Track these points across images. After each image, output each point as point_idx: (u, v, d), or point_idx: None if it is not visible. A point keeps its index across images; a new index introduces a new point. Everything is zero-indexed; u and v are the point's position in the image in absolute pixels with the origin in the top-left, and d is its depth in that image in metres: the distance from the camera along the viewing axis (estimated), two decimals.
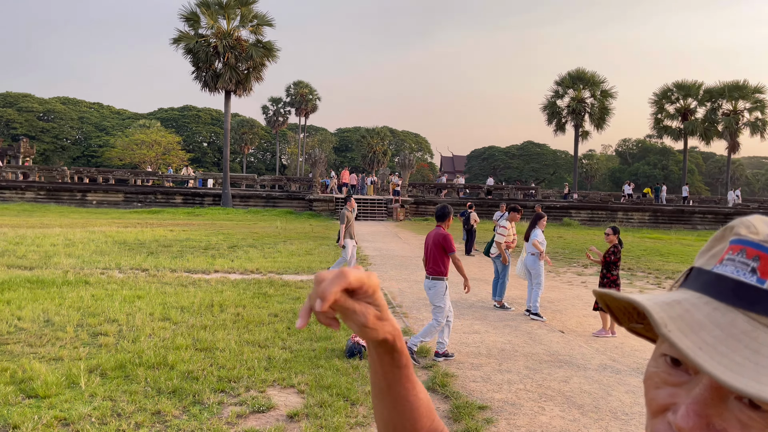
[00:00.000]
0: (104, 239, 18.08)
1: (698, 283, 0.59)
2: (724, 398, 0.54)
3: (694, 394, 0.54)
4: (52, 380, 5.28)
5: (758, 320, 0.53)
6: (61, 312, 8.16)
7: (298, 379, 5.75)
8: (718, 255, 0.60)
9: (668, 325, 0.52)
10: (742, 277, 0.55)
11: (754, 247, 0.56)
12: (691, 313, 0.54)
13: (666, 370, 0.58)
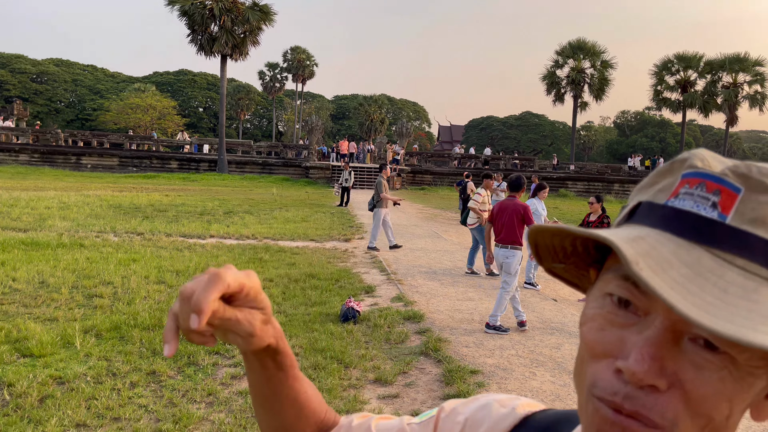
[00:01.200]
0: (99, 203, 18.02)
1: (653, 219, 0.55)
2: (678, 340, 0.51)
3: (647, 337, 0.51)
4: (47, 340, 5.30)
5: (722, 257, 0.51)
6: (56, 274, 8.16)
7: (292, 342, 5.80)
8: (669, 189, 0.56)
9: (640, 263, 0.48)
10: (703, 212, 0.52)
11: (714, 180, 0.53)
12: (657, 250, 0.50)
13: (612, 311, 0.54)
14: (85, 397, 4.30)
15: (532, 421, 0.73)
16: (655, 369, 0.50)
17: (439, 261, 11.53)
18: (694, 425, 0.51)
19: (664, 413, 0.50)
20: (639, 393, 0.51)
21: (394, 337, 6.16)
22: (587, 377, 0.55)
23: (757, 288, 0.49)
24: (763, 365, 0.52)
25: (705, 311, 0.46)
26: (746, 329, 0.45)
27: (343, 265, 10.34)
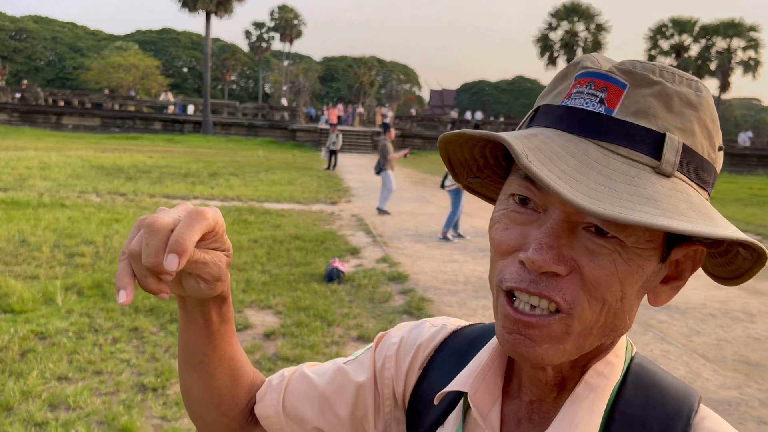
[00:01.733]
0: (81, 163, 17.76)
1: (549, 119, 0.58)
2: (573, 229, 0.55)
3: (545, 228, 0.55)
4: (28, 297, 5.27)
5: (608, 148, 0.54)
6: (37, 233, 8.07)
7: (276, 300, 5.81)
8: (565, 92, 0.59)
9: (528, 156, 0.51)
10: (592, 108, 0.56)
11: (601, 78, 0.56)
12: (547, 144, 0.53)
13: (515, 210, 0.58)
14: (66, 352, 4.30)
15: (460, 333, 0.78)
16: (552, 256, 0.54)
17: (426, 224, 11.56)
18: (591, 307, 0.55)
19: (564, 295, 0.55)
20: (542, 278, 0.55)
21: (377, 297, 6.20)
22: (497, 275, 0.59)
23: (638, 173, 0.53)
24: (650, 248, 0.56)
25: (589, 197, 0.49)
26: (626, 209, 0.49)
27: (329, 228, 10.33)
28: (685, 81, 0.57)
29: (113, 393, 3.79)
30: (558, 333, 0.56)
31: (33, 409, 3.46)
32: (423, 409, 0.75)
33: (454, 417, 0.71)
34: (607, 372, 0.62)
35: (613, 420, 0.61)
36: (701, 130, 0.57)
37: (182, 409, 3.61)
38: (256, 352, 4.56)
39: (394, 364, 0.79)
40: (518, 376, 0.68)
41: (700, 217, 0.52)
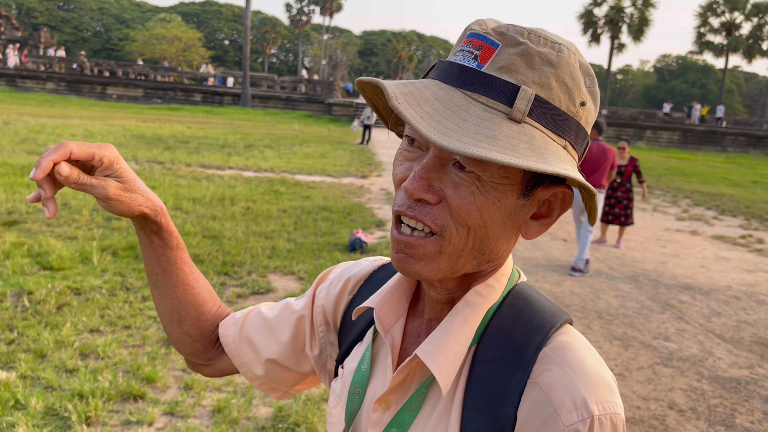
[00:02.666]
0: (123, 132, 18.29)
1: (436, 72, 0.67)
2: (444, 165, 0.65)
3: (422, 163, 0.65)
4: (66, 255, 5.58)
5: (472, 97, 0.63)
6: (78, 197, 8.45)
7: (298, 267, 6.01)
8: (456, 49, 0.68)
9: (398, 98, 0.60)
10: (466, 63, 0.65)
11: (479, 38, 0.65)
12: (421, 91, 0.62)
13: (407, 149, 0.69)
14: (99, 307, 4.58)
15: (388, 266, 0.89)
16: (422, 186, 0.64)
17: None
18: (458, 231, 0.66)
19: (435, 220, 0.65)
20: (417, 204, 0.65)
21: None
22: (393, 203, 0.69)
23: (491, 118, 0.61)
24: (506, 183, 0.65)
25: (441, 133, 0.58)
26: (467, 145, 0.57)
27: (357, 200, 10.48)
28: (549, 43, 0.65)
29: (139, 346, 4.04)
30: (432, 252, 0.66)
31: (65, 356, 3.73)
32: (347, 331, 0.87)
33: (369, 333, 0.82)
34: (485, 293, 0.71)
35: (486, 332, 0.71)
36: (559, 86, 0.64)
37: None
38: None
39: (325, 294, 0.91)
40: (423, 298, 0.78)
41: (534, 155, 0.60)
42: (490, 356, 0.68)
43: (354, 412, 0.77)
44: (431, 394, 0.70)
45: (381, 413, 0.73)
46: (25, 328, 4.10)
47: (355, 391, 0.77)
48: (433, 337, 0.70)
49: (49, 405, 3.19)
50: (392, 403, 0.72)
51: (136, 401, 3.34)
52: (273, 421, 3.24)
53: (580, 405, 0.62)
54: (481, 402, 0.67)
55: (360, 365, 0.79)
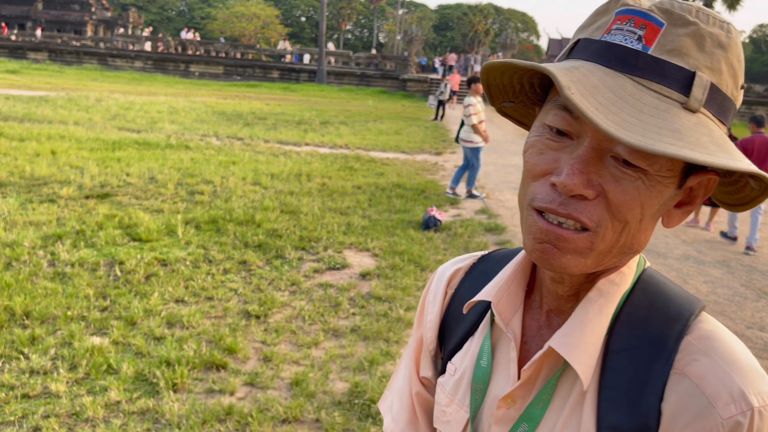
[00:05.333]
0: (204, 109, 18.93)
1: (588, 53, 0.62)
2: (602, 157, 0.60)
3: (577, 155, 0.60)
4: (153, 227, 5.84)
5: (642, 84, 0.58)
6: (164, 171, 8.83)
7: (373, 244, 6.03)
8: (605, 26, 0.63)
9: (571, 88, 0.55)
10: (630, 45, 0.60)
11: (641, 16, 0.60)
12: (587, 77, 0.58)
13: (550, 137, 0.63)
14: (183, 278, 4.77)
15: (488, 257, 0.86)
16: (582, 181, 0.59)
17: None
18: (613, 227, 0.61)
19: (591, 216, 0.60)
20: (571, 201, 0.61)
21: (472, 246, 6.24)
22: (528, 195, 0.64)
23: (668, 108, 0.57)
24: (670, 175, 0.61)
25: (622, 127, 0.54)
26: (654, 141, 0.54)
27: (431, 177, 10.39)
28: (718, 23, 0.61)
29: (221, 317, 4.18)
30: (582, 248, 0.62)
31: (153, 325, 3.92)
32: (453, 327, 0.83)
33: (483, 327, 0.78)
34: (618, 280, 0.68)
35: (618, 320, 0.67)
36: (728, 70, 0.61)
37: (281, 336, 3.92)
38: (352, 290, 4.81)
39: (431, 307, 0.87)
40: (539, 290, 0.74)
41: (719, 150, 0.57)
42: (625, 345, 0.66)
43: (476, 410, 0.75)
44: (561, 386, 0.68)
45: (506, 409, 0.71)
46: (117, 296, 4.33)
47: (477, 388, 0.75)
48: (567, 329, 0.67)
49: (138, 371, 3.36)
50: (518, 398, 0.70)
51: (219, 371, 3.46)
52: (349, 396, 3.27)
53: (738, 397, 0.60)
54: (617, 393, 0.64)
55: (479, 361, 0.76)
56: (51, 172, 8.08)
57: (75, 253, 5.09)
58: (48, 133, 11.24)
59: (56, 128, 12.06)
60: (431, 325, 0.85)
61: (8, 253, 4.94)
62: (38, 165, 8.45)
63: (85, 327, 3.83)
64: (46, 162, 8.75)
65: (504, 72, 0.67)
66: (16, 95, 18.36)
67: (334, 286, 4.90)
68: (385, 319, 4.30)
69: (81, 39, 40.90)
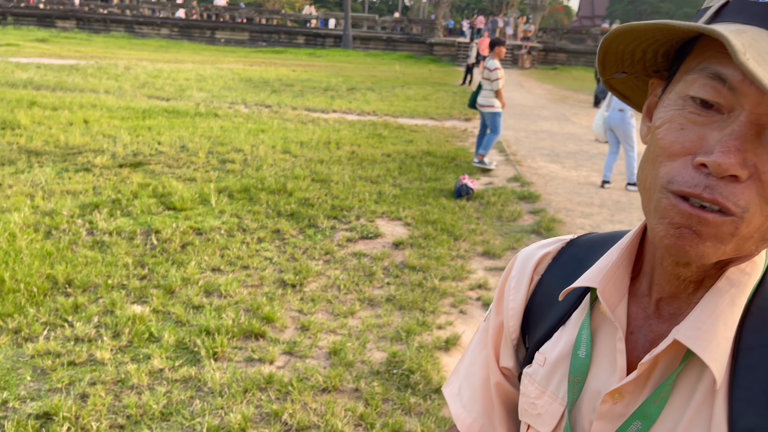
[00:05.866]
0: (231, 76, 18.89)
1: (746, 16, 0.55)
2: (760, 134, 0.54)
3: (732, 131, 0.54)
4: (187, 196, 5.88)
5: None
6: (194, 140, 8.86)
7: (405, 213, 5.99)
8: None
9: (747, 53, 0.48)
10: None
11: None
12: (758, 42, 0.51)
13: (694, 111, 0.56)
14: (219, 247, 4.80)
15: (577, 242, 0.80)
16: (738, 160, 0.53)
17: (564, 144, 11.06)
18: (762, 211, 0.55)
19: (738, 201, 0.54)
20: (719, 183, 0.54)
21: (506, 215, 6.16)
22: (661, 176, 0.58)
23: None
24: None
25: None
26: None
27: (461, 144, 10.25)
28: None
29: (258, 286, 4.21)
30: (725, 234, 0.55)
31: (191, 293, 3.96)
32: (540, 315, 0.78)
33: (578, 315, 0.73)
34: (749, 270, 0.63)
35: (749, 313, 0.62)
36: None
37: (317, 305, 3.94)
38: (385, 259, 4.79)
39: (514, 294, 0.81)
40: (647, 276, 0.69)
41: None
42: (759, 341, 0.60)
43: (572, 403, 0.70)
44: (681, 382, 0.62)
45: (612, 404, 0.65)
46: (155, 264, 4.38)
47: (574, 380, 0.70)
48: (696, 321, 0.61)
49: (179, 339, 3.41)
50: (627, 393, 0.65)
51: (257, 339, 3.50)
52: (387, 366, 3.28)
53: None
54: (753, 393, 0.59)
55: (576, 351, 0.71)
56: (84, 141, 8.17)
57: (112, 221, 5.16)
58: (80, 102, 11.35)
59: (87, 97, 12.17)
60: (514, 312, 0.80)
61: (48, 221, 5.03)
62: (72, 134, 8.55)
63: (126, 295, 3.90)
64: (79, 131, 8.84)
65: (636, 37, 0.60)
66: (47, 64, 18.54)
67: (368, 255, 4.89)
68: (420, 288, 4.28)
69: (108, 6, 40.98)
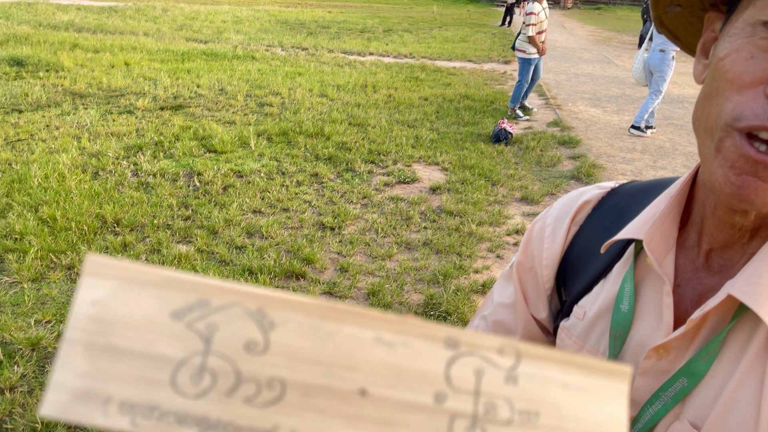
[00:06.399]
0: (268, 18, 18.68)
1: None
2: None
3: None
4: (227, 139, 5.96)
5: None
6: (232, 83, 8.89)
7: (442, 158, 5.96)
8: None
9: None
10: None
11: None
12: None
13: (766, 37, 0.51)
14: (259, 190, 4.90)
15: (619, 190, 0.75)
16: None
17: (606, 88, 10.72)
18: None
19: None
20: None
21: (545, 161, 6.07)
22: (727, 113, 0.53)
23: None
24: None
25: None
26: None
27: (500, 88, 10.03)
28: None
29: (298, 228, 4.30)
30: None
31: (234, 234, 4.08)
32: (579, 267, 0.74)
33: (620, 268, 0.69)
34: None
35: None
36: None
37: (355, 247, 4.02)
38: (422, 204, 4.82)
39: (550, 244, 0.78)
40: (696, 225, 0.65)
41: None
42: None
43: (614, 357, 0.69)
44: (732, 339, 0.59)
45: (657, 360, 0.63)
46: (198, 206, 4.51)
47: (616, 335, 0.68)
48: (752, 274, 0.57)
49: (223, 278, 3.54)
50: (673, 349, 0.62)
51: (298, 279, 3.61)
52: (425, 308, 3.36)
53: None
54: None
55: (618, 305, 0.68)
56: (126, 84, 8.28)
57: (156, 163, 5.29)
58: (120, 45, 11.44)
59: (127, 39, 12.24)
60: (549, 263, 0.77)
61: (95, 163, 5.18)
62: (114, 76, 8.67)
63: (171, 235, 4.04)
64: (120, 73, 8.96)
65: None
66: (87, 6, 18.62)
67: (405, 199, 4.92)
68: (457, 233, 4.31)
69: None
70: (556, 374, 0.30)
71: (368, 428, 0.28)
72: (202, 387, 0.28)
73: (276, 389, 0.28)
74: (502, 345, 0.30)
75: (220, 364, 0.28)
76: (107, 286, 0.29)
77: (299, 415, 0.28)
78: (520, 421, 0.29)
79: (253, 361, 0.29)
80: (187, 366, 0.28)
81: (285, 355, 0.29)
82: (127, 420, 0.27)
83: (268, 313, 0.29)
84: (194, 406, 0.28)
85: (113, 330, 0.28)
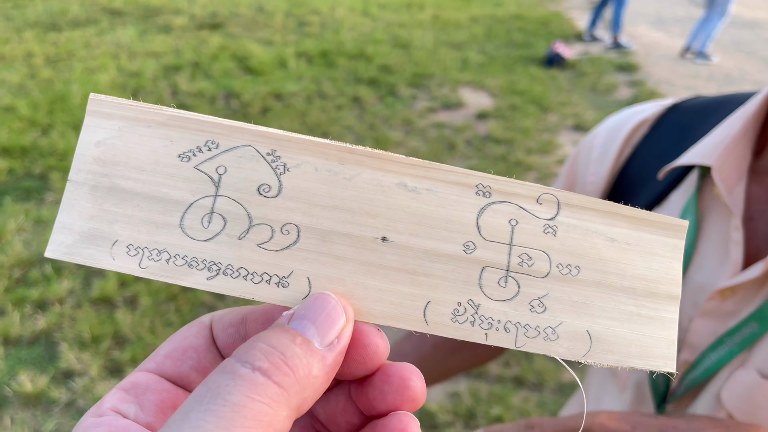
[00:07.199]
0: None
1: None
2: None
3: None
4: (265, 60, 5.76)
5: None
6: (271, 1, 8.55)
7: (490, 82, 5.64)
8: None
9: None
10: None
11: None
12: None
13: None
14: (298, 113, 4.73)
15: (681, 106, 0.66)
16: None
17: (671, 9, 9.92)
18: None
19: None
20: None
21: (601, 87, 5.69)
22: None
23: None
24: None
25: None
26: None
27: (555, 8, 9.39)
28: None
29: None
30: None
31: None
32: (631, 193, 0.66)
33: (679, 195, 0.61)
34: None
35: None
36: None
37: None
38: (468, 131, 4.59)
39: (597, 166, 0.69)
40: None
41: None
42: None
43: None
44: None
45: (722, 301, 0.54)
46: None
47: None
48: None
49: None
50: (741, 289, 0.54)
51: None
52: None
53: None
54: None
55: None
56: (163, 2, 8.05)
57: (194, 84, 5.16)
58: None
59: None
60: (596, 188, 0.68)
61: (133, 83, 5.08)
62: None
63: None
64: None
65: None
66: None
67: (450, 126, 4.69)
68: (504, 162, 4.10)
69: None
70: (602, 226, 0.27)
71: (389, 276, 0.27)
72: (212, 230, 0.27)
73: (290, 234, 0.27)
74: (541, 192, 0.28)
75: (231, 207, 0.27)
76: (111, 126, 0.28)
77: (315, 261, 0.27)
78: (557, 274, 0.27)
79: (265, 204, 0.27)
80: (196, 208, 0.27)
81: (300, 199, 0.28)
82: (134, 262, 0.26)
83: (281, 155, 0.28)
84: (204, 248, 0.27)
85: (118, 171, 0.27)
